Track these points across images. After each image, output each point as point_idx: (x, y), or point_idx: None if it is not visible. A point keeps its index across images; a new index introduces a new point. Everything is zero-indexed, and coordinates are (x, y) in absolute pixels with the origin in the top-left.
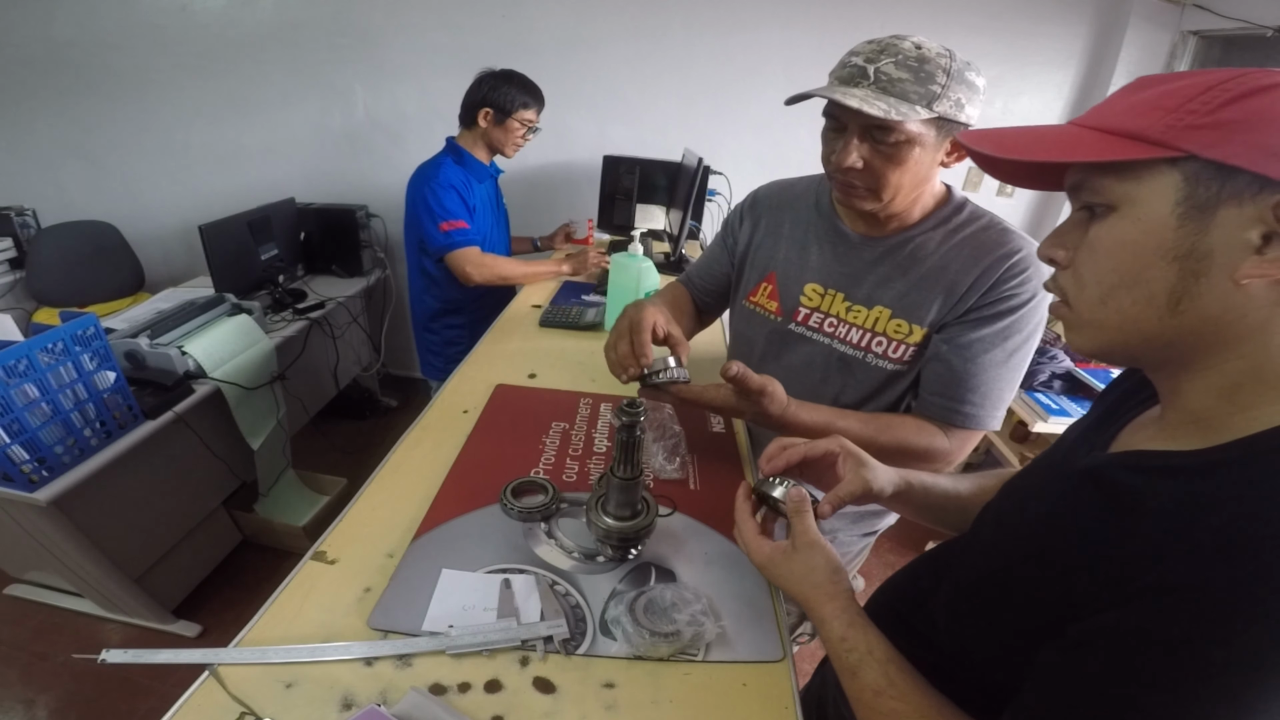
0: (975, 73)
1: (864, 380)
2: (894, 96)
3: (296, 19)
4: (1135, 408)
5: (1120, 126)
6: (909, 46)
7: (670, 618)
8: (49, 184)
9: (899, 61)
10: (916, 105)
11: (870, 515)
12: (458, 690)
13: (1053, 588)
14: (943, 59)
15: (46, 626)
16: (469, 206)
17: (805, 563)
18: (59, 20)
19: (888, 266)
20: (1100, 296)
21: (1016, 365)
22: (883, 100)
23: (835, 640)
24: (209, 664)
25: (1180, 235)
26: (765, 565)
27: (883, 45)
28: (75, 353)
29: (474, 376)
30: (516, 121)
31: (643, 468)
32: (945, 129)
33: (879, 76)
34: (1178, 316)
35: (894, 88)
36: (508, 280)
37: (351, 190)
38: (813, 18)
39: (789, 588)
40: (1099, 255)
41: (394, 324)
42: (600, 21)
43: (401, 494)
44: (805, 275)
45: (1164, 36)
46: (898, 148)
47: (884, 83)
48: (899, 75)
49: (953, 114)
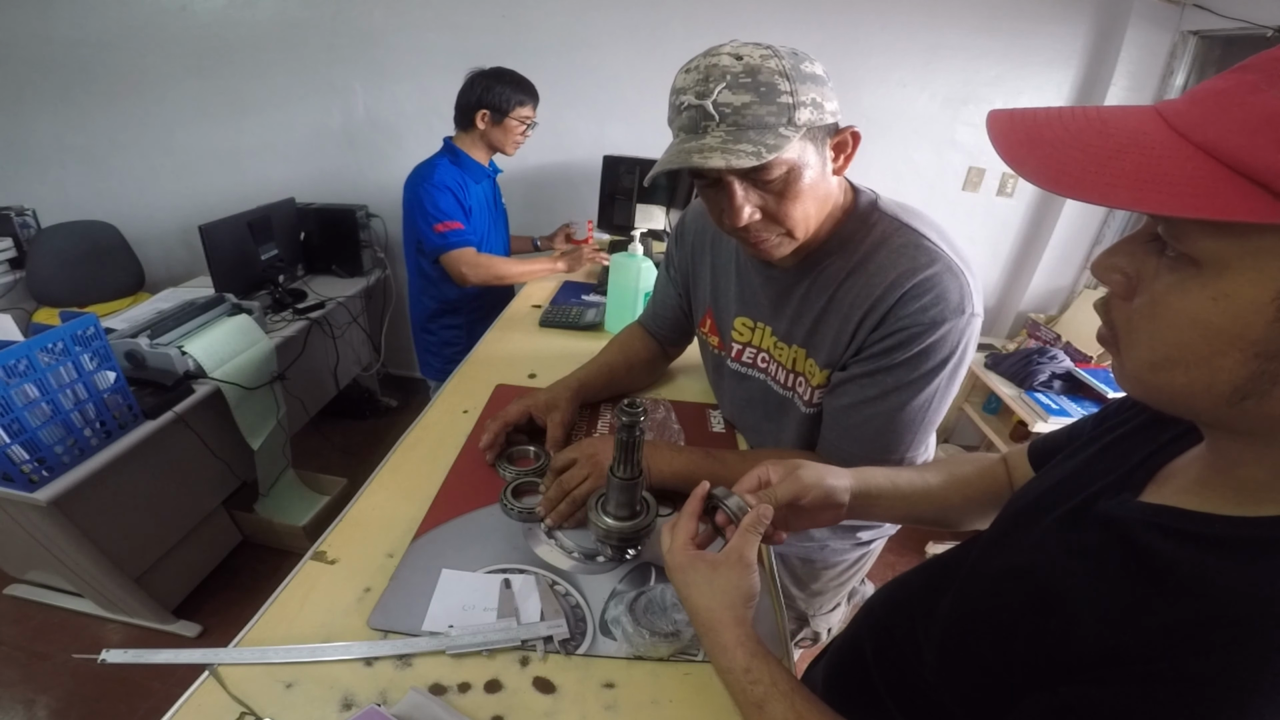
0: (809, 61)
1: (797, 422)
2: (751, 129)
3: (296, 19)
4: (1171, 443)
5: (1238, 154)
6: (730, 63)
7: (670, 618)
8: (49, 184)
9: (732, 84)
10: (779, 128)
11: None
12: (458, 690)
13: (1051, 639)
14: (770, 61)
15: (46, 626)
16: (464, 207)
17: (727, 580)
18: (59, 20)
19: (797, 300)
20: (1151, 363)
21: (917, 409)
22: (742, 142)
23: (738, 671)
24: (209, 664)
25: (1274, 332)
26: (681, 567)
27: (704, 71)
28: (75, 353)
29: (474, 376)
30: (514, 120)
31: (643, 468)
32: (819, 136)
33: (721, 111)
34: (1238, 409)
35: (744, 118)
36: (503, 280)
37: (351, 190)
38: (813, 17)
39: (697, 600)
40: (1161, 321)
41: (394, 324)
42: (600, 21)
43: (401, 494)
44: (733, 308)
45: (1164, 36)
46: (787, 183)
47: (731, 116)
48: (743, 100)
49: (817, 119)
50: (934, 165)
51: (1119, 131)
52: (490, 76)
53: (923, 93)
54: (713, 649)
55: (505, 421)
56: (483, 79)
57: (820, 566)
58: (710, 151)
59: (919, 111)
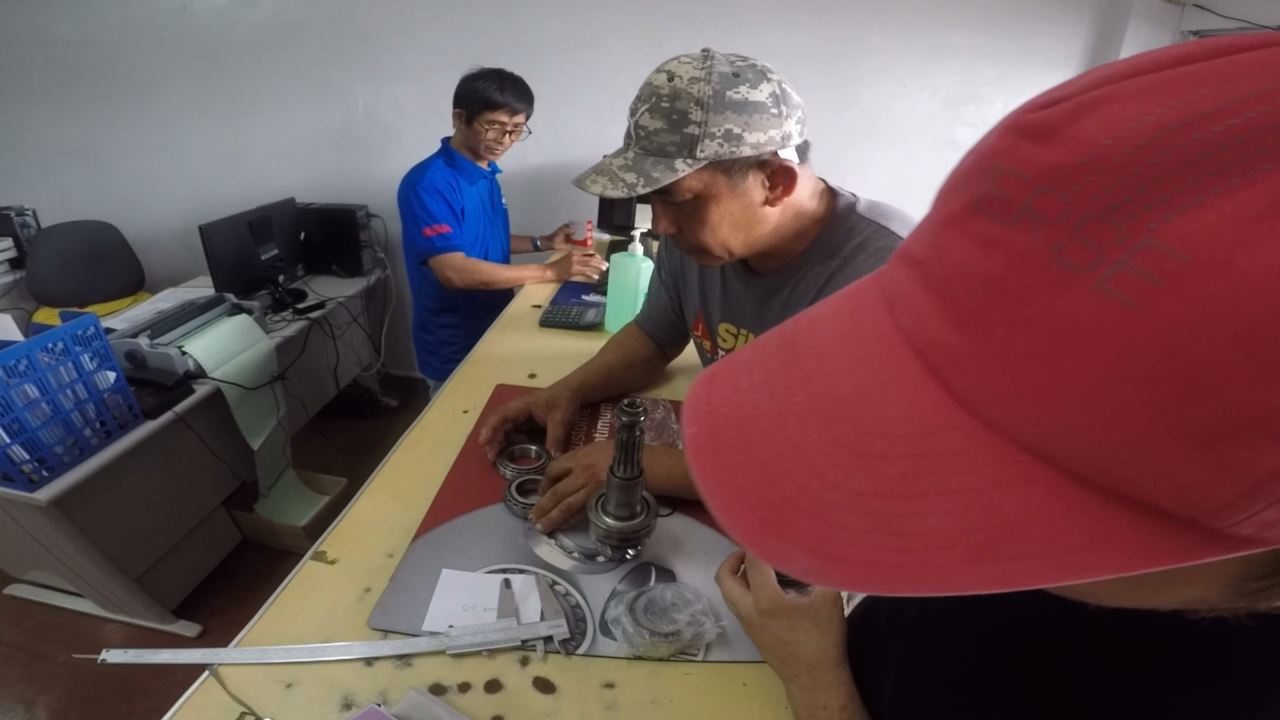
0: (749, 85)
1: None
2: (652, 156)
3: (296, 19)
4: None
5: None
6: (661, 82)
7: (670, 618)
8: (49, 184)
9: (654, 107)
10: (675, 160)
11: None
12: (458, 690)
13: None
14: (696, 85)
15: (46, 626)
16: (456, 209)
17: (830, 618)
18: (59, 20)
19: (778, 307)
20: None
21: None
22: (634, 170)
23: (834, 708)
24: (209, 664)
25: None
26: (781, 612)
27: (643, 89)
28: (75, 353)
29: (474, 376)
30: (482, 124)
31: (643, 468)
32: (736, 168)
33: (639, 133)
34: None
35: (651, 144)
36: (489, 286)
37: (351, 190)
38: (813, 17)
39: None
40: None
41: (394, 324)
42: (600, 21)
43: (401, 494)
44: (717, 314)
45: (1164, 37)
46: (694, 208)
47: (642, 140)
48: (655, 126)
49: (729, 153)
50: (934, 165)
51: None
52: (476, 75)
53: (923, 92)
54: (811, 685)
55: (505, 416)
56: (468, 77)
57: None
58: (600, 175)
59: (919, 111)
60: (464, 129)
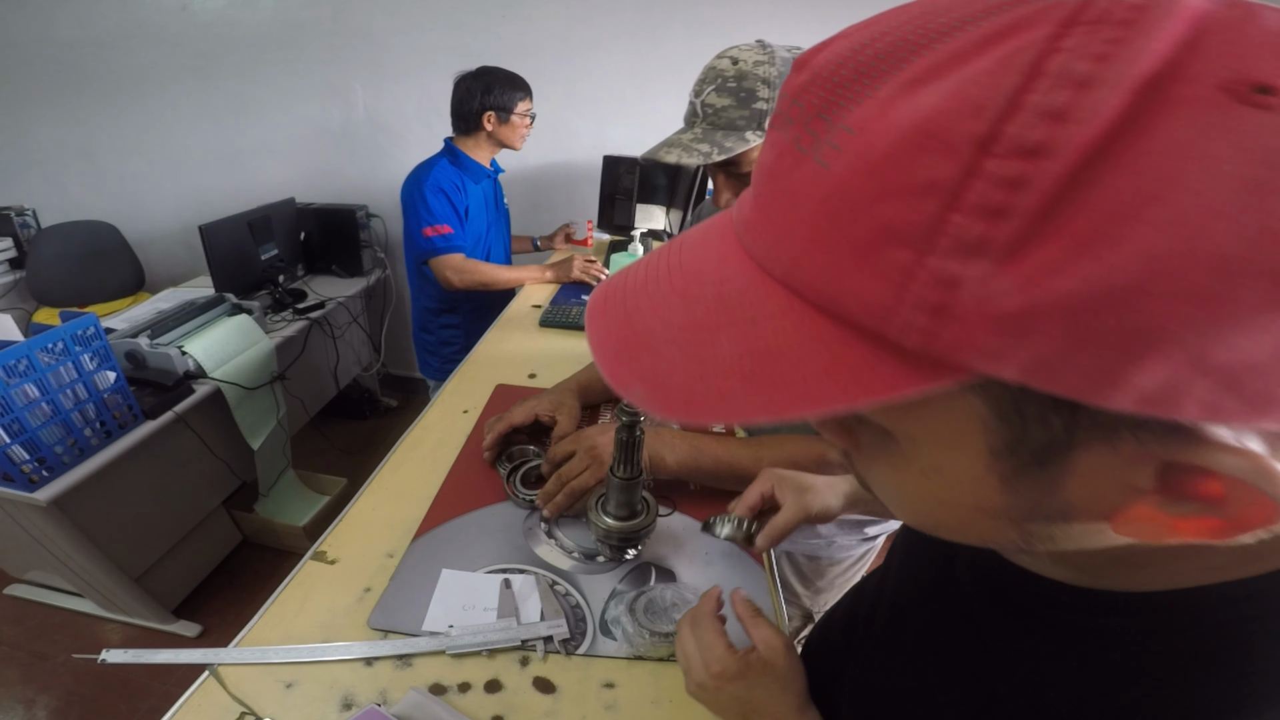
0: None
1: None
2: (722, 130)
3: (296, 19)
4: None
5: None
6: (726, 65)
7: (670, 618)
8: (49, 184)
9: (720, 87)
10: (745, 132)
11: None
12: (458, 690)
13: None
14: (761, 67)
15: (46, 626)
16: (459, 210)
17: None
18: (60, 21)
19: None
20: (914, 522)
21: None
22: (705, 141)
23: None
24: (209, 664)
25: (1012, 499)
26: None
27: (705, 73)
28: (75, 353)
29: (474, 376)
30: (518, 116)
31: (643, 468)
32: None
33: (705, 111)
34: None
35: (720, 119)
36: (489, 286)
37: (351, 190)
38: (813, 18)
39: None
40: (891, 493)
41: (394, 324)
42: (600, 22)
43: (401, 494)
44: None
45: None
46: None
47: (710, 116)
48: (723, 104)
49: None
50: None
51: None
52: (486, 78)
53: None
54: None
55: (510, 423)
56: (479, 83)
57: (826, 563)
58: (673, 147)
59: None
60: (499, 128)
